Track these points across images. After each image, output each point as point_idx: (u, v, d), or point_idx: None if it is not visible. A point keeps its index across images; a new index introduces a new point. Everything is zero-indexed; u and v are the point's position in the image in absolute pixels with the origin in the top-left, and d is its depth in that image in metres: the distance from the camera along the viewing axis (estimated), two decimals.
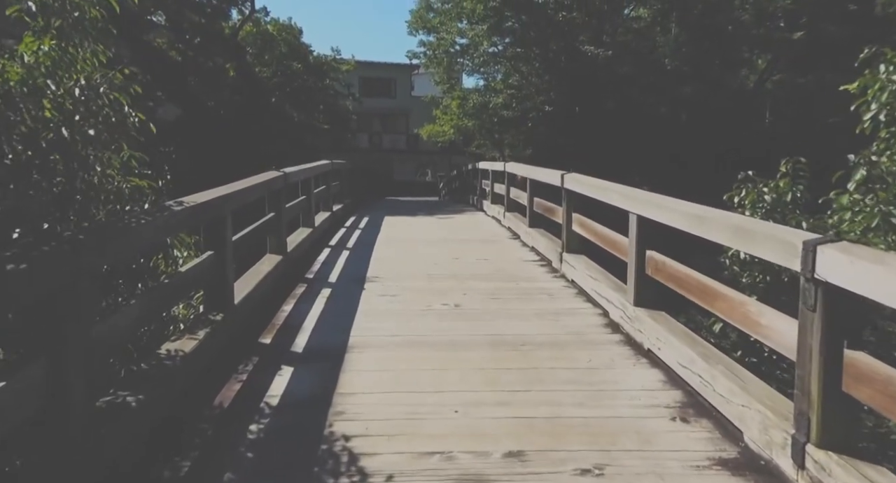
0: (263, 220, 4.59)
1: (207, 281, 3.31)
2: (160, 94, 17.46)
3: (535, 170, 6.33)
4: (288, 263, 4.91)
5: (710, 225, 2.62)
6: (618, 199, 3.77)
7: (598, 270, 4.36)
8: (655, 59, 19.55)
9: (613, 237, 3.98)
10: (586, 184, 4.52)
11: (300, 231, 6.06)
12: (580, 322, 3.84)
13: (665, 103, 19.32)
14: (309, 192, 6.35)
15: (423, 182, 28.14)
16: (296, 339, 3.49)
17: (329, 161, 7.85)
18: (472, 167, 12.18)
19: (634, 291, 3.52)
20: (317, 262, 5.51)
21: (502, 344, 3.43)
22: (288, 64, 18.33)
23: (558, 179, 5.14)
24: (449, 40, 20.23)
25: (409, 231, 7.78)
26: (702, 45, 18.86)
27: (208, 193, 3.34)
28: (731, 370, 2.54)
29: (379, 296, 4.41)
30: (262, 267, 4.38)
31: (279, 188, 4.87)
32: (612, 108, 18.58)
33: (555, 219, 5.56)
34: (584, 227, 4.70)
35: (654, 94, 19.13)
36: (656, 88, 19.10)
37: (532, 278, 4.98)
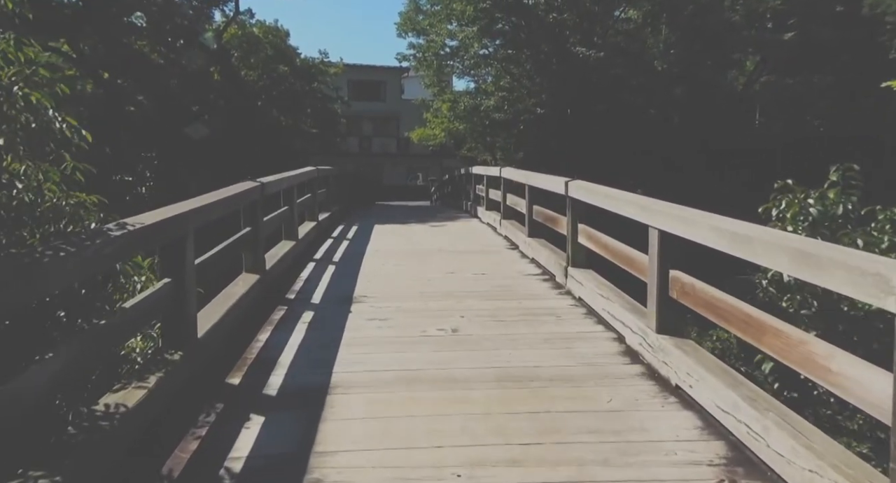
0: (237, 237, 4.11)
1: (164, 313, 2.83)
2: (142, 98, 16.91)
3: (534, 176, 5.89)
4: (266, 283, 4.43)
5: (758, 246, 2.17)
6: (635, 212, 3.33)
7: (609, 288, 3.91)
8: (647, 60, 19.29)
9: (629, 253, 3.54)
10: (595, 193, 4.08)
11: (282, 244, 5.57)
12: (594, 349, 3.39)
13: (657, 105, 19.04)
14: (291, 202, 5.86)
15: (415, 186, 27.68)
16: (270, 377, 3.01)
17: (314, 167, 7.36)
18: (465, 172, 11.73)
19: (657, 316, 3.08)
20: (299, 280, 5.02)
21: (509, 379, 2.97)
22: (274, 67, 17.81)
23: (562, 187, 4.70)
24: (439, 42, 19.83)
25: (401, 241, 7.31)
26: (692, 46, 18.61)
27: (164, 211, 2.85)
28: (787, 421, 2.10)
29: (367, 320, 3.94)
30: (234, 289, 3.89)
31: (255, 200, 4.39)
32: (604, 111, 18.26)
33: (558, 229, 5.12)
34: (593, 239, 4.25)
35: (646, 95, 18.85)
36: (648, 90, 18.82)
37: (536, 296, 4.53)
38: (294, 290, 4.70)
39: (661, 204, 3.12)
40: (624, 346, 3.40)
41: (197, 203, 3.14)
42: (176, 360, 2.71)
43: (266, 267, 4.55)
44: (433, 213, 12.09)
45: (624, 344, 3.43)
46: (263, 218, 4.60)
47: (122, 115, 16.21)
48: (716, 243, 2.44)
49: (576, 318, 3.97)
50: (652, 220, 3.10)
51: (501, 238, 7.27)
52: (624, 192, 3.63)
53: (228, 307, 3.50)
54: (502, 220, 7.49)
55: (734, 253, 2.31)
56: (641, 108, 19.02)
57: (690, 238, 2.66)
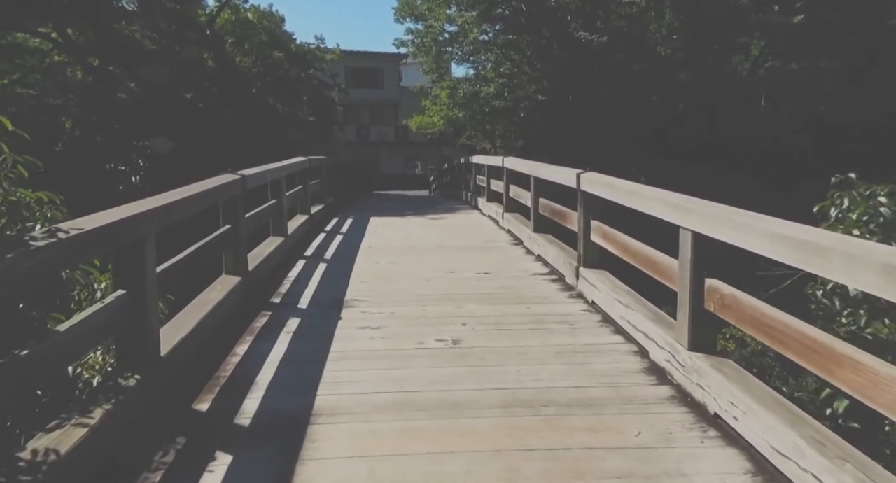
0: (213, 236, 3.67)
1: (119, 330, 2.41)
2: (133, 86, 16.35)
3: (541, 167, 5.44)
4: (249, 286, 4.00)
5: (835, 259, 1.73)
6: (664, 210, 2.89)
7: (628, 294, 3.49)
8: (650, 45, 18.72)
9: (654, 257, 3.10)
10: (613, 187, 3.63)
11: (269, 241, 5.14)
12: (614, 366, 2.97)
13: (660, 91, 18.51)
14: (280, 195, 5.41)
15: (413, 175, 27.19)
16: (244, 401, 2.59)
17: (305, 157, 6.89)
18: (465, 161, 11.26)
19: (689, 331, 2.65)
20: (287, 281, 4.59)
21: (519, 404, 2.55)
22: (269, 53, 17.23)
23: (573, 179, 4.25)
24: (437, 28, 19.24)
25: (397, 236, 6.86)
26: (697, 30, 18.03)
27: (116, 211, 2.41)
28: (870, 476, 1.69)
29: (358, 328, 3.51)
30: (210, 295, 3.46)
31: (235, 195, 3.94)
32: (607, 97, 17.74)
33: (567, 225, 4.68)
34: (609, 238, 3.82)
35: (649, 81, 18.32)
36: (651, 76, 18.28)
37: (544, 299, 4.11)
38: (280, 292, 4.27)
39: (696, 202, 2.68)
40: (647, 362, 2.98)
41: (158, 201, 2.69)
42: (131, 386, 2.29)
43: (249, 267, 4.11)
44: (432, 205, 11.63)
45: (647, 359, 3.01)
46: (245, 214, 4.15)
47: (114, 102, 15.68)
48: (773, 252, 2.00)
49: (590, 326, 3.55)
50: (685, 220, 2.66)
51: (504, 232, 6.84)
52: (649, 188, 3.19)
53: (201, 318, 3.08)
54: (505, 212, 7.04)
55: (800, 266, 1.88)
56: (644, 94, 18.51)
57: (737, 244, 2.22)
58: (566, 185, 4.43)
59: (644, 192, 3.22)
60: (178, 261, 2.92)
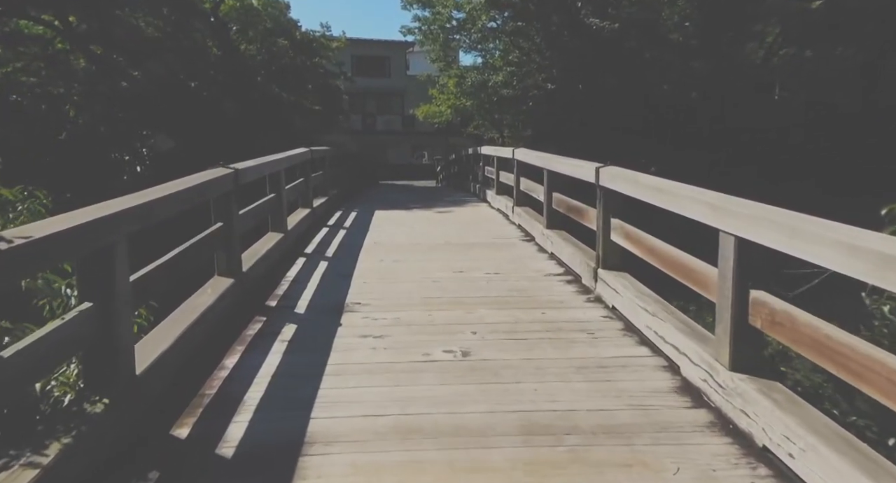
0: (204, 235, 3.36)
1: (85, 348, 2.11)
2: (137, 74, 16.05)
3: (554, 159, 5.08)
4: (243, 288, 3.70)
5: None
6: (698, 211, 2.55)
7: (655, 301, 3.16)
8: (662, 32, 18.16)
9: (687, 262, 2.76)
10: (637, 183, 3.28)
11: (267, 238, 4.83)
12: (642, 384, 2.65)
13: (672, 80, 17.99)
14: (279, 189, 5.10)
15: (420, 165, 26.81)
16: (229, 425, 2.29)
17: (307, 148, 6.56)
18: (474, 151, 10.89)
19: (731, 349, 2.33)
20: (285, 281, 4.29)
21: (538, 431, 2.24)
22: (273, 41, 16.84)
23: (591, 174, 3.90)
24: (445, 15, 18.76)
25: (403, 231, 6.53)
26: (711, 16, 17.45)
27: (80, 214, 2.11)
28: None
29: (359, 337, 3.21)
30: (199, 301, 3.17)
31: (228, 191, 3.63)
32: (617, 86, 17.26)
33: (584, 222, 4.34)
34: (632, 239, 3.48)
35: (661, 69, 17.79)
36: (663, 64, 17.75)
37: (560, 303, 3.78)
38: (277, 294, 3.97)
39: (740, 203, 2.33)
40: (679, 380, 2.66)
41: (132, 201, 2.38)
42: (97, 414, 2.00)
43: (243, 268, 3.81)
44: (439, 197, 11.29)
45: (679, 376, 2.69)
46: (239, 211, 3.84)
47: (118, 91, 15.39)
48: (847, 267, 1.67)
49: (612, 335, 3.23)
50: (726, 223, 2.32)
51: (514, 227, 6.50)
52: (679, 184, 2.84)
53: (186, 326, 2.78)
54: (515, 206, 6.70)
55: (885, 285, 1.55)
56: (655, 83, 18.00)
57: (797, 254, 1.88)
58: (583, 180, 4.08)
59: (674, 190, 2.87)
60: (156, 267, 2.61)
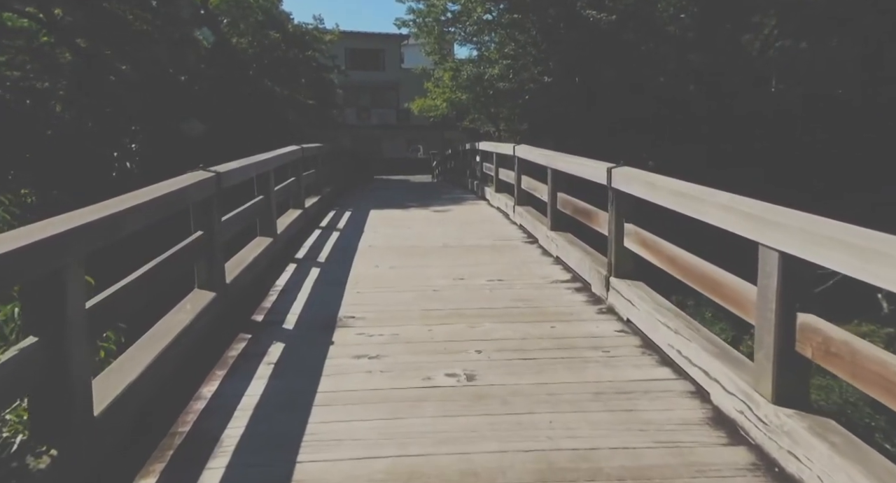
0: (182, 246, 3.03)
1: (32, 388, 1.80)
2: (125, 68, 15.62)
3: (560, 157, 4.76)
4: (226, 301, 3.38)
5: None
6: (732, 221, 2.24)
7: (675, 315, 2.86)
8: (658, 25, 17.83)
9: (718, 277, 2.46)
10: (654, 187, 2.97)
11: (255, 243, 4.50)
12: (669, 414, 2.35)
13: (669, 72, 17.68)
14: (268, 191, 4.76)
15: (415, 159, 26.43)
16: (202, 475, 1.96)
17: (298, 146, 6.22)
18: (471, 147, 10.55)
19: (774, 379, 2.03)
20: (273, 291, 3.96)
21: (557, 476, 1.94)
22: (265, 34, 16.40)
23: (602, 174, 3.59)
24: (440, 7, 18.34)
25: (399, 233, 6.20)
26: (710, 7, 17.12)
27: (26, 232, 1.78)
28: None
29: (353, 358, 2.90)
30: (176, 318, 2.85)
31: (208, 196, 3.30)
32: (615, 79, 16.94)
33: (593, 226, 4.04)
34: (648, 247, 3.18)
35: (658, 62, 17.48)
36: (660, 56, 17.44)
37: (570, 315, 3.48)
38: (264, 307, 3.64)
39: (785, 213, 2.03)
40: (710, 409, 2.37)
41: (90, 215, 2.05)
42: (42, 470, 1.68)
43: (227, 279, 3.49)
44: (436, 194, 10.94)
45: (710, 404, 2.40)
46: (222, 217, 3.51)
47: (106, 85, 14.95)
48: None
49: (630, 354, 2.93)
50: (769, 236, 2.02)
51: (516, 228, 6.19)
52: (709, 190, 2.53)
53: (158, 352, 2.46)
54: (516, 205, 6.39)
55: None
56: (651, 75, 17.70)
57: (868, 280, 1.58)
58: (593, 181, 3.77)
59: (700, 195, 2.56)
60: (122, 288, 2.29)
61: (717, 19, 17.28)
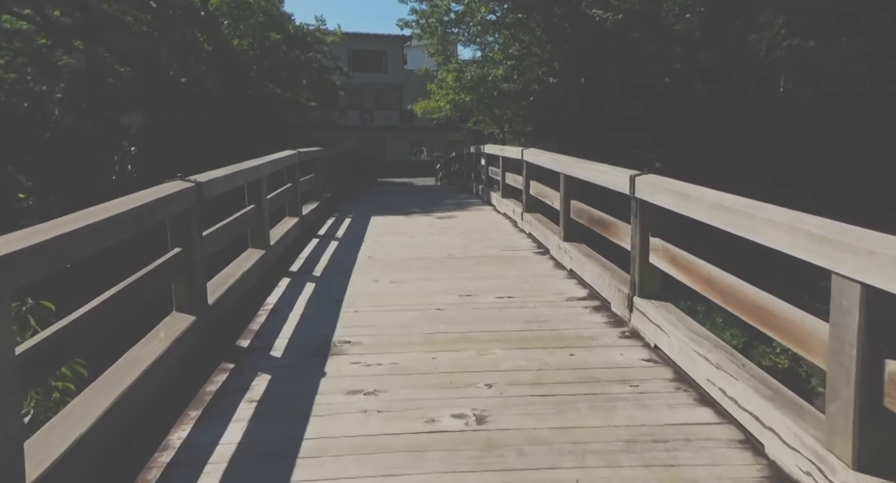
0: (155, 266, 2.67)
1: None
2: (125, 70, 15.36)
3: (575, 163, 4.37)
4: (207, 326, 3.02)
5: None
6: (793, 242, 1.86)
7: (715, 346, 2.48)
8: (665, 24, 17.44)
9: (774, 307, 2.07)
10: (687, 198, 2.59)
11: (245, 256, 4.14)
12: (716, 471, 1.96)
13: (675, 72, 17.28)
14: (259, 200, 4.40)
15: (419, 161, 26.09)
16: None
17: (294, 151, 5.85)
18: (476, 150, 10.17)
19: (857, 441, 1.65)
20: (263, 311, 3.60)
21: None
22: (266, 35, 16.07)
23: (624, 183, 3.22)
24: (443, 7, 17.99)
25: (401, 242, 5.81)
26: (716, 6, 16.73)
27: None
28: None
29: (347, 394, 2.53)
30: (145, 350, 2.48)
31: (187, 209, 2.93)
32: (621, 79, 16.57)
33: (612, 238, 3.66)
34: (679, 265, 2.80)
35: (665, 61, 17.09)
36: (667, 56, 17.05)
37: (591, 340, 3.10)
38: (252, 330, 3.28)
39: (867, 235, 1.65)
40: (766, 466, 1.98)
41: (24, 240, 1.69)
42: None
43: (209, 300, 3.13)
44: (439, 198, 10.56)
45: (764, 459, 2.01)
46: (203, 231, 3.15)
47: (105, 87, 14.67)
48: None
49: (662, 389, 2.55)
50: (847, 264, 1.64)
51: (525, 236, 5.80)
52: (758, 204, 2.15)
53: (116, 397, 2.09)
54: (524, 212, 6.01)
55: None
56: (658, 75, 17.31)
57: None
58: (613, 190, 3.39)
59: (747, 210, 2.17)
60: (74, 321, 1.93)
61: (726, 18, 16.90)
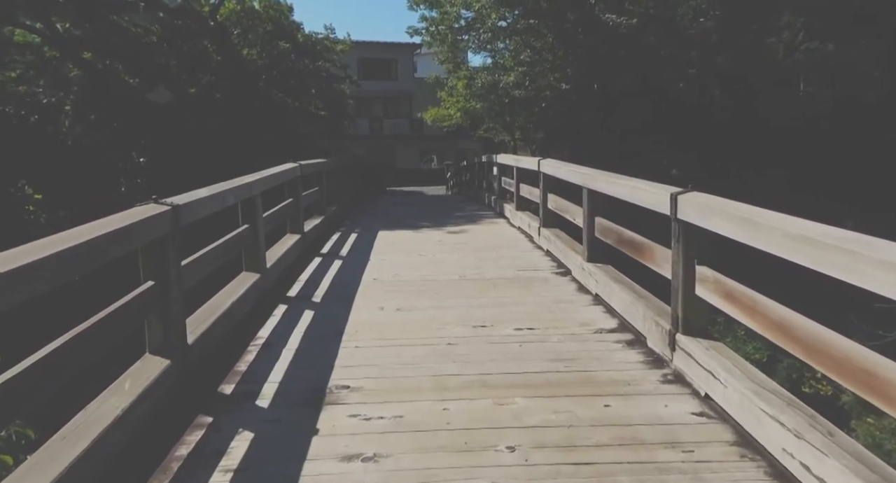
0: (123, 303, 2.28)
1: None
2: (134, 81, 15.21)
3: (600, 177, 3.91)
4: (185, 369, 2.61)
5: None
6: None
7: (788, 403, 2.01)
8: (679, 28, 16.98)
9: (885, 371, 1.62)
10: (761, 227, 2.12)
11: (237, 282, 3.74)
12: None
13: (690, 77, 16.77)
14: (254, 218, 4.00)
15: (429, 170, 25.72)
16: None
17: (296, 164, 5.46)
18: (487, 159, 9.75)
19: None
20: (253, 346, 3.18)
21: None
22: (274, 44, 15.86)
23: (664, 202, 2.76)
24: (453, 14, 17.68)
25: (409, 262, 5.32)
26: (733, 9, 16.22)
27: None
28: None
29: (341, 461, 2.10)
30: (103, 408, 2.08)
31: (162, 236, 2.54)
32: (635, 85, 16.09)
33: (648, 264, 3.20)
34: (739, 303, 2.33)
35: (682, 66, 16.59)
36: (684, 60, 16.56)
37: (628, 386, 2.64)
38: (238, 371, 2.86)
39: None
40: None
41: None
42: None
43: (188, 338, 2.73)
44: (450, 210, 10.12)
45: None
46: (182, 261, 2.75)
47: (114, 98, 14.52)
48: None
49: (723, 457, 2.08)
50: None
51: (542, 254, 5.35)
52: (864, 237, 1.70)
53: (56, 476, 1.69)
54: (541, 228, 5.56)
55: None
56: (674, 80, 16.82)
57: None
58: (650, 209, 2.94)
59: (850, 245, 1.72)
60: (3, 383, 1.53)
61: (743, 21, 16.41)
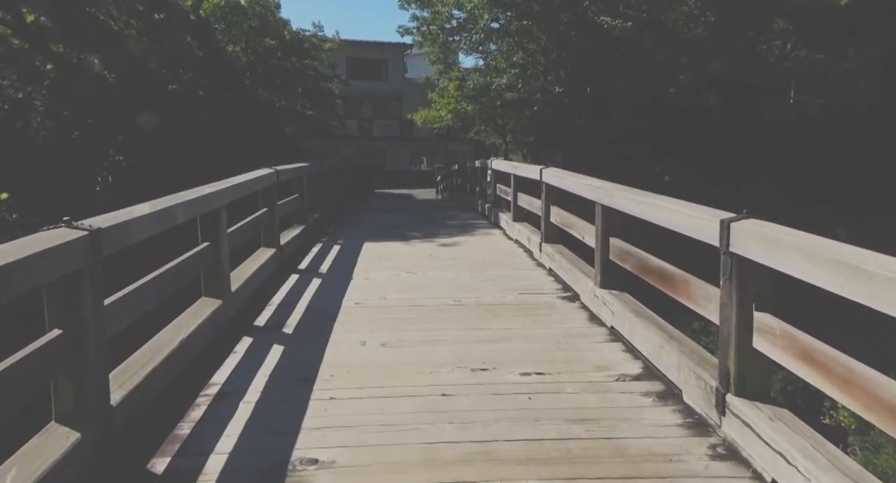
0: (17, 360, 1.67)
1: None
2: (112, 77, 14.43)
3: (620, 194, 3.33)
4: (102, 446, 2.01)
5: None
6: None
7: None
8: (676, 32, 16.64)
9: None
10: (853, 268, 1.59)
11: (193, 310, 3.11)
12: None
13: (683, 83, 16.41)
14: (216, 235, 3.38)
15: (419, 171, 25.15)
16: None
17: (271, 170, 4.84)
18: (482, 164, 9.18)
19: None
20: (203, 397, 2.55)
21: None
22: (260, 40, 15.16)
23: (711, 230, 2.21)
24: (444, 14, 17.16)
25: (398, 281, 4.64)
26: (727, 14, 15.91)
27: None
28: None
29: None
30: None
31: (74, 271, 1.93)
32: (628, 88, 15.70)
33: (683, 300, 2.64)
34: (825, 367, 1.79)
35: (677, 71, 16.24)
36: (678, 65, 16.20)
37: (670, 463, 2.07)
38: (178, 436, 2.24)
39: None
40: None
41: None
42: None
43: (111, 400, 2.12)
44: (441, 218, 9.51)
45: None
46: (104, 300, 2.14)
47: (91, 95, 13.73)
48: None
49: None
50: None
51: (545, 272, 4.78)
52: None
53: None
54: (543, 243, 5.00)
55: None
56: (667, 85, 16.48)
57: None
58: (704, 242, 2.37)
59: None
60: None
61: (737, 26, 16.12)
